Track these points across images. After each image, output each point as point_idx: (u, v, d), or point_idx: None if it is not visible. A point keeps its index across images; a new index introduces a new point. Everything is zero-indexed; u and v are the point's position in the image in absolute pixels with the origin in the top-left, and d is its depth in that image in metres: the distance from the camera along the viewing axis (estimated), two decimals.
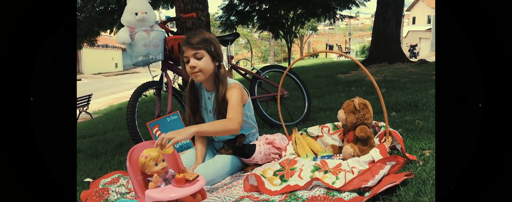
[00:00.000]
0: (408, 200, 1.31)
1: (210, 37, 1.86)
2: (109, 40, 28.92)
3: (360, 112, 1.78)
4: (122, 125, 5.14)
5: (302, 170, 1.65)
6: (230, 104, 1.82)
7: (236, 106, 1.81)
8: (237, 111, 1.79)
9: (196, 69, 1.82)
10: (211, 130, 1.70)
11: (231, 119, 1.75)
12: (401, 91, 3.92)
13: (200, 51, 1.81)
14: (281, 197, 1.51)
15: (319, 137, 2.08)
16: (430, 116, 2.57)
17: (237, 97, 1.84)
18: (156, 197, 1.45)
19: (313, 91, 4.75)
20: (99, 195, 1.84)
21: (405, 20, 31.68)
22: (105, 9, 7.29)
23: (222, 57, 1.92)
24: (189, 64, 1.82)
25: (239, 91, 1.88)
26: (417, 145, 1.89)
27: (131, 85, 17.00)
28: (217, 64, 1.89)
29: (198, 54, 1.81)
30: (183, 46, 1.83)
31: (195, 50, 1.81)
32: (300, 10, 11.34)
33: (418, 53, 23.32)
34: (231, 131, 1.75)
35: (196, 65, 1.81)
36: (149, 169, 1.55)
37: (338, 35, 50.01)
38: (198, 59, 1.82)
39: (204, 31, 1.91)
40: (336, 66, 11.08)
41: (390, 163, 1.53)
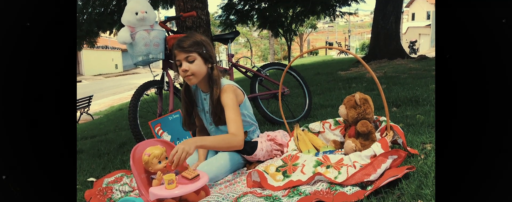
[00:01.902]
0: (410, 193, 1.32)
1: (201, 39, 1.85)
2: (109, 41, 28.95)
3: (361, 106, 1.79)
4: (123, 125, 5.16)
5: (305, 166, 1.67)
6: (228, 114, 1.81)
7: (235, 116, 1.81)
8: (238, 124, 1.80)
9: (188, 72, 1.82)
10: (215, 145, 1.72)
11: (235, 135, 1.76)
12: (402, 87, 3.92)
13: (191, 54, 1.81)
14: (284, 192, 1.52)
15: (320, 132, 2.09)
16: (431, 111, 2.58)
17: (233, 105, 1.83)
18: (160, 194, 1.46)
19: (314, 89, 4.76)
20: (103, 193, 1.85)
21: (404, 17, 31.65)
22: (105, 10, 7.30)
23: (215, 59, 1.92)
24: (182, 68, 1.82)
25: (232, 96, 1.87)
26: (418, 139, 1.90)
27: (131, 86, 17.03)
28: (210, 66, 1.89)
29: (189, 57, 1.81)
30: (174, 49, 1.82)
31: (187, 53, 1.80)
32: (299, 8, 11.36)
33: (417, 49, 23.31)
34: (235, 147, 1.78)
35: (188, 69, 1.81)
36: (152, 166, 1.56)
37: (338, 32, 49.99)
38: (190, 63, 1.82)
39: (196, 33, 1.90)
40: (336, 64, 11.08)
41: (391, 157, 1.54)
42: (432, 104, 2.85)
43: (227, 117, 1.82)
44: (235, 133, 1.77)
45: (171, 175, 1.48)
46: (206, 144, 1.68)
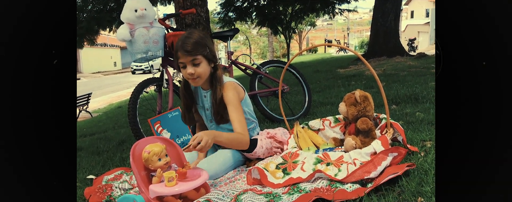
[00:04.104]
0: (410, 190, 1.32)
1: (204, 39, 1.81)
2: (107, 39, 28.86)
3: (361, 104, 1.79)
4: (122, 123, 5.15)
5: (305, 163, 1.66)
6: (232, 114, 1.83)
7: (239, 116, 1.83)
8: (243, 123, 1.83)
9: (194, 75, 1.80)
10: (229, 142, 1.77)
11: (244, 135, 1.81)
12: (401, 84, 3.92)
13: (197, 57, 1.78)
14: (284, 189, 1.52)
15: (320, 130, 2.09)
16: (430, 108, 2.58)
17: (236, 103, 1.85)
18: (160, 191, 1.46)
19: (313, 86, 4.76)
20: (102, 191, 1.85)
21: (403, 14, 31.63)
22: (104, 8, 7.28)
23: (217, 58, 1.90)
24: (187, 72, 1.79)
25: (235, 93, 1.87)
26: (418, 137, 1.90)
27: (130, 83, 16.99)
28: (213, 66, 1.87)
29: (195, 60, 1.78)
30: (178, 51, 1.78)
31: (192, 56, 1.77)
32: (298, 6, 11.34)
33: (416, 46, 23.30)
34: (243, 147, 1.83)
35: (194, 72, 1.79)
36: (152, 164, 1.56)
37: (337, 30, 49.97)
38: (196, 65, 1.79)
39: (195, 32, 1.85)
40: (335, 61, 11.08)
41: (392, 154, 1.54)
42: (431, 101, 2.85)
43: (231, 117, 1.83)
44: (242, 132, 1.80)
45: (171, 173, 1.48)
46: (222, 140, 1.72)
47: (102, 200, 1.79)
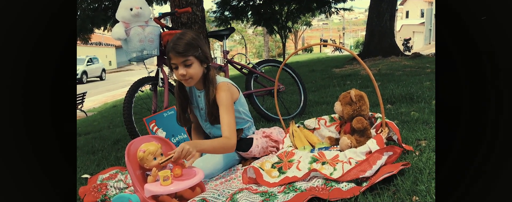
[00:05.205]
0: (405, 189, 1.33)
1: (196, 40, 1.79)
2: (102, 38, 28.72)
3: (357, 103, 1.79)
4: (117, 122, 5.13)
5: (300, 162, 1.67)
6: (223, 116, 1.80)
7: (229, 119, 1.80)
8: (232, 127, 1.79)
9: (186, 76, 1.79)
10: (212, 149, 1.73)
11: (229, 139, 1.75)
12: (396, 84, 3.94)
13: (188, 58, 1.76)
14: (280, 188, 1.52)
15: (316, 129, 2.09)
16: (425, 108, 2.59)
17: (227, 104, 1.82)
18: (156, 190, 1.46)
19: (309, 86, 4.77)
20: (97, 190, 1.84)
21: (398, 14, 31.78)
22: (99, 6, 7.25)
23: (210, 58, 1.89)
24: (179, 73, 1.78)
25: (228, 94, 1.85)
26: (413, 136, 1.91)
27: (125, 82, 16.92)
28: (206, 66, 1.86)
29: (187, 61, 1.77)
30: (170, 52, 1.76)
31: (184, 57, 1.75)
32: (294, 5, 11.36)
33: (412, 46, 23.43)
34: (228, 151, 1.79)
35: (186, 73, 1.78)
36: (147, 163, 1.56)
37: (332, 30, 50.08)
38: (187, 66, 1.78)
39: (188, 32, 1.83)
40: (331, 61, 11.11)
41: (387, 153, 1.55)
42: (426, 101, 2.86)
43: (222, 119, 1.80)
44: (229, 136, 1.76)
45: (166, 172, 1.48)
46: (205, 148, 1.70)
47: (97, 199, 1.78)
